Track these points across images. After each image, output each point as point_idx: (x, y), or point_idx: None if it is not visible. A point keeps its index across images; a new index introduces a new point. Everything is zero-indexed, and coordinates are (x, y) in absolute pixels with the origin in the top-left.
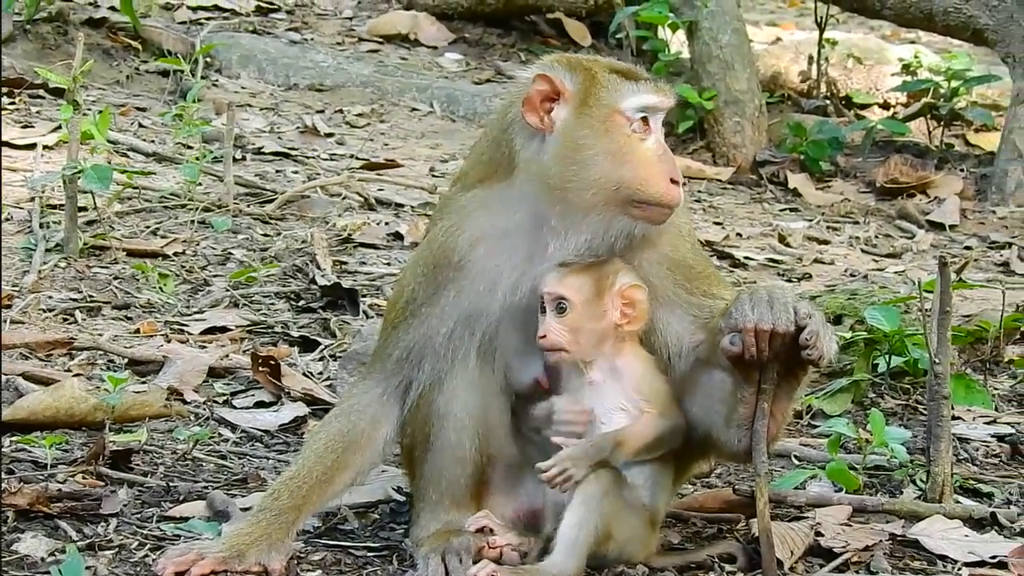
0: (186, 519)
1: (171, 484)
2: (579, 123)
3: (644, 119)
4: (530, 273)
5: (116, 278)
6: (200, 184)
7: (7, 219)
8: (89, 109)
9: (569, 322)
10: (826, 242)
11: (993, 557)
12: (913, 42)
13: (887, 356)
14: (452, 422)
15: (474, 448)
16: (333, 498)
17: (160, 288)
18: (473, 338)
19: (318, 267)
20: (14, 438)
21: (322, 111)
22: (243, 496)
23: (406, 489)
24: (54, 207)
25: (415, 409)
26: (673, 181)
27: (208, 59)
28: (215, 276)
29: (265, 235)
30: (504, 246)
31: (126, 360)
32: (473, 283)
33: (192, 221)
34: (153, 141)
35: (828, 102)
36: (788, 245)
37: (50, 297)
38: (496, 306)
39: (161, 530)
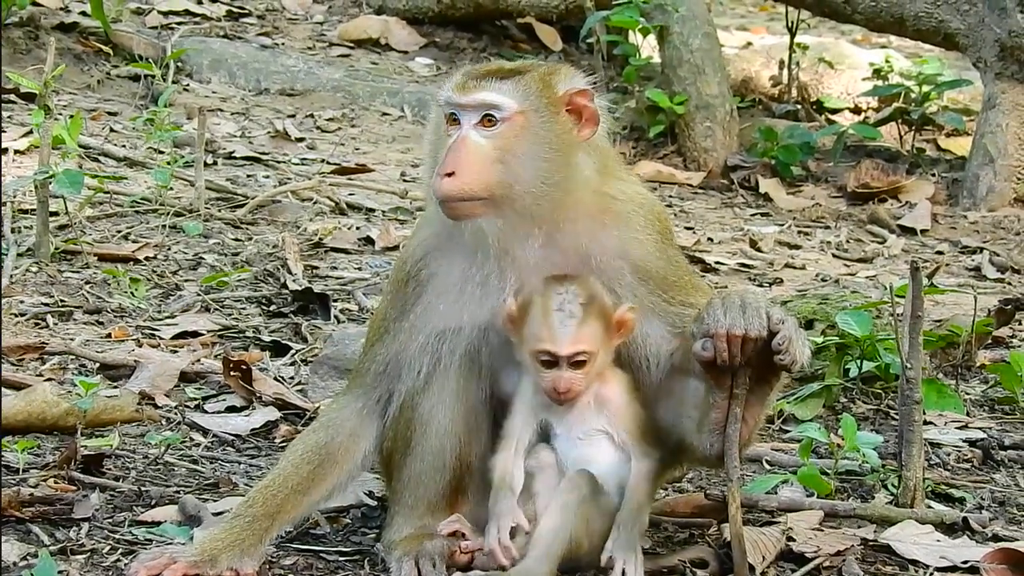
0: (158, 523)
1: (143, 488)
2: (432, 121)
3: (453, 115)
4: (493, 290)
5: (88, 283)
6: (171, 189)
7: None
8: (60, 114)
9: (587, 370)
10: (797, 247)
11: (965, 562)
12: (884, 47)
13: (859, 361)
14: (435, 428)
15: (454, 455)
16: (309, 509)
17: (131, 293)
18: (453, 351)
19: (289, 272)
20: None
21: (293, 116)
22: (215, 500)
23: (378, 494)
24: (25, 212)
25: (398, 414)
26: (440, 175)
27: (179, 64)
28: (186, 281)
29: (236, 240)
30: (457, 258)
31: (98, 365)
32: (437, 298)
33: (163, 226)
34: (124, 146)
35: (799, 107)
36: (759, 250)
37: (21, 302)
38: (467, 321)
39: (133, 534)
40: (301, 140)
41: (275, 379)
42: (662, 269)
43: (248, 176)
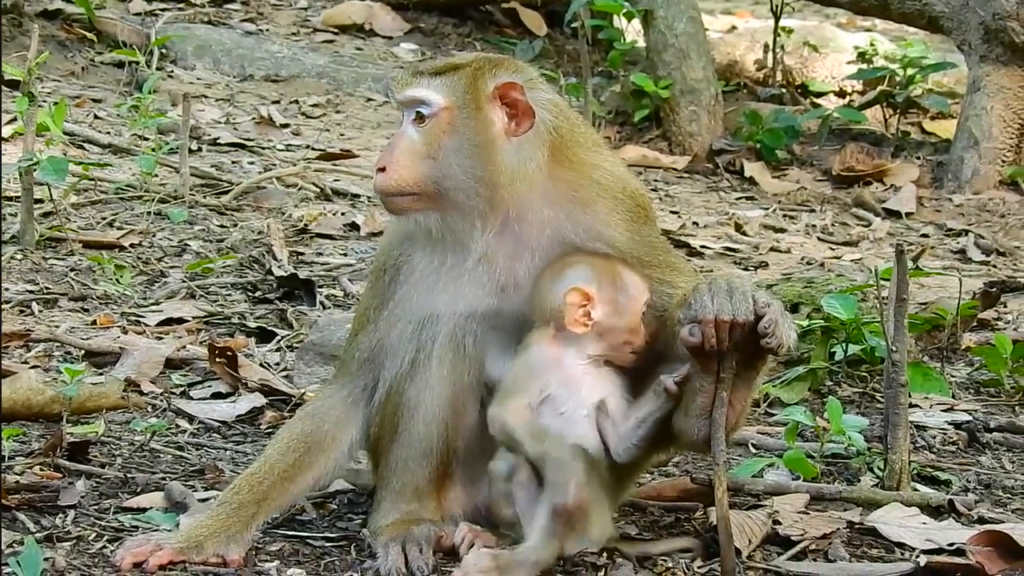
0: (144, 510)
1: (129, 475)
2: None
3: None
4: (465, 280)
5: (72, 270)
6: (156, 175)
7: None
8: (45, 101)
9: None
10: (782, 230)
11: (951, 544)
12: (869, 30)
13: (844, 344)
14: (422, 413)
15: (441, 441)
16: (296, 497)
17: (117, 280)
18: (434, 339)
19: (274, 258)
20: None
21: (278, 102)
22: (201, 487)
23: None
24: (10, 199)
25: (384, 400)
26: (375, 169)
27: (163, 50)
28: (172, 267)
29: (221, 226)
30: (427, 249)
31: (83, 352)
32: (413, 288)
33: (148, 212)
34: (109, 133)
35: (784, 90)
36: (744, 234)
37: (7, 289)
38: (444, 310)
39: (119, 521)
40: (286, 126)
41: (261, 365)
42: (635, 250)
43: (233, 162)
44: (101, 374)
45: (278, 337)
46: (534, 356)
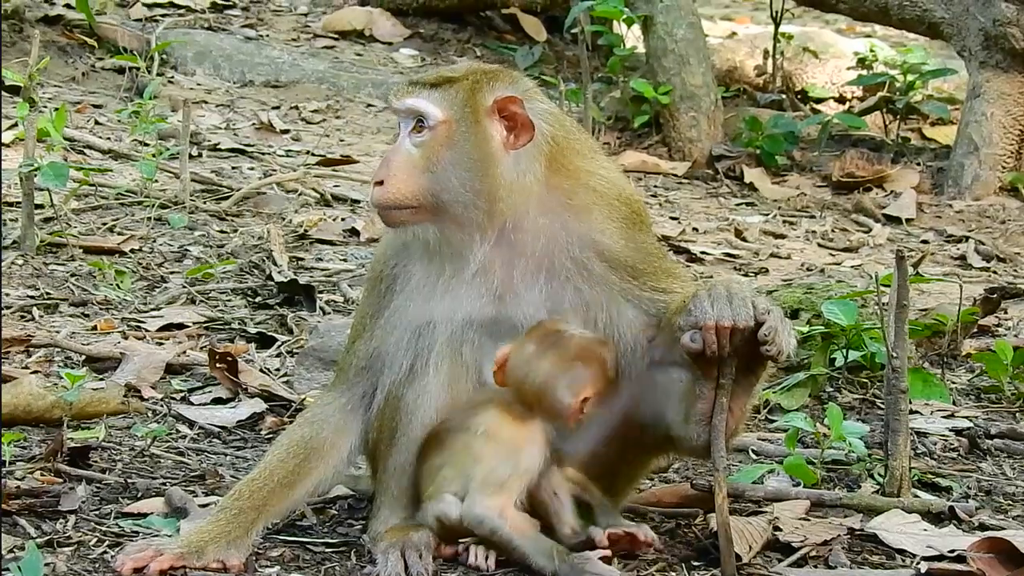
0: (144, 515)
1: (129, 481)
2: None
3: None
4: (462, 290)
5: (73, 275)
6: (156, 181)
7: None
8: (45, 106)
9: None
10: (782, 236)
11: (951, 551)
12: (868, 36)
13: (844, 350)
14: (420, 419)
15: None
16: (296, 502)
17: (117, 285)
18: (431, 346)
19: (275, 263)
20: None
21: (278, 107)
22: (201, 493)
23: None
24: (10, 204)
25: (383, 405)
26: (373, 183)
27: (164, 56)
28: (172, 273)
29: (221, 232)
30: (423, 259)
31: (83, 357)
32: (408, 297)
33: (149, 218)
34: (109, 138)
35: (784, 96)
36: (744, 239)
37: (7, 294)
38: (440, 318)
39: (119, 527)
40: (286, 132)
41: (261, 371)
42: (630, 256)
43: (233, 168)
44: (101, 379)
45: (278, 342)
46: (529, 458)
